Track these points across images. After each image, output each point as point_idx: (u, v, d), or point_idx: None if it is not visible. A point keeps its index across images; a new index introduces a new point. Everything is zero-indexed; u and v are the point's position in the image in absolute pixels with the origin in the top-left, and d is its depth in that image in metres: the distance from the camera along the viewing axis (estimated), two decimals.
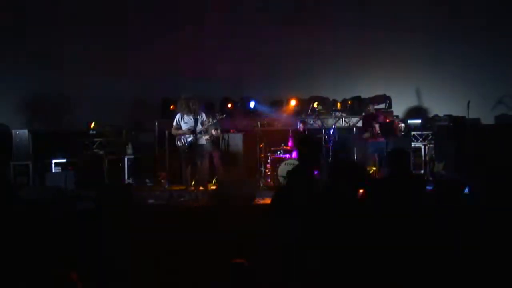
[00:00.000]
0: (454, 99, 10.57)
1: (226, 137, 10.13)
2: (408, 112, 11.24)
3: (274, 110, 10.90)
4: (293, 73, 11.21)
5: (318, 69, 11.20)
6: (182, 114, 8.20)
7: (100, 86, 10.92)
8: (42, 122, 11.24)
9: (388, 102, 10.85)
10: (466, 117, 9.55)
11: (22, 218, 5.32)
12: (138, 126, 11.08)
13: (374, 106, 9.97)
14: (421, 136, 10.33)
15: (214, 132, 8.53)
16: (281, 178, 9.06)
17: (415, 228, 3.89)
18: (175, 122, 8.25)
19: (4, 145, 9.92)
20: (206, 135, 8.32)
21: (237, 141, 10.41)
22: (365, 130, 9.42)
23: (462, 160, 9.04)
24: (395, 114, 10.80)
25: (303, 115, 10.55)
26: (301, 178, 4.32)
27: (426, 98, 11.25)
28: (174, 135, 8.34)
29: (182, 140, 8.16)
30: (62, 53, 11.18)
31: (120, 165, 10.13)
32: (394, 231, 3.77)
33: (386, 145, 8.85)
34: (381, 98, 10.75)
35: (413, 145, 10.20)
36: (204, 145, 8.27)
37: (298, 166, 4.71)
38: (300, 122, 9.92)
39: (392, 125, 9.36)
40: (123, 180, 9.93)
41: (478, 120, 10.22)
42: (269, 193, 8.17)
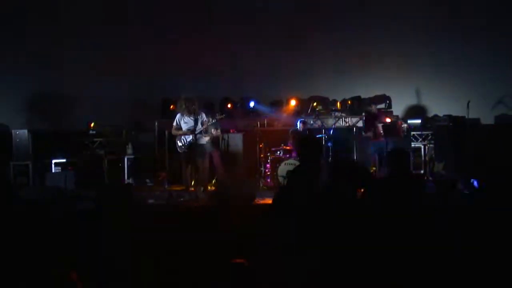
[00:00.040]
0: (454, 99, 10.55)
1: (226, 137, 10.11)
2: (408, 112, 11.23)
3: (274, 110, 10.89)
4: (293, 73, 11.20)
5: (318, 69, 11.18)
6: (182, 114, 8.21)
7: (100, 86, 10.92)
8: (42, 122, 11.23)
9: (388, 102, 10.84)
10: (466, 117, 9.53)
11: (22, 218, 5.32)
12: (138, 126, 11.07)
13: (376, 106, 9.96)
14: (421, 136, 10.32)
15: (214, 132, 8.53)
16: (281, 178, 9.06)
17: (415, 228, 3.90)
18: (175, 122, 8.26)
19: (4, 145, 9.92)
20: (207, 135, 8.32)
21: (237, 141, 10.39)
22: (367, 129, 9.41)
23: (462, 160, 9.03)
24: (395, 114, 10.80)
25: (303, 115, 10.54)
26: (301, 178, 4.33)
27: (426, 98, 11.24)
28: (174, 135, 8.36)
29: (182, 140, 8.18)
30: (62, 53, 11.16)
31: (120, 165, 10.12)
32: (394, 231, 3.77)
33: (386, 145, 8.86)
34: (381, 98, 10.73)
35: (413, 145, 10.18)
36: (204, 145, 8.27)
37: (299, 166, 4.73)
38: (300, 122, 9.92)
39: (395, 125, 9.37)
40: (123, 180, 9.92)
41: (478, 120, 10.20)
42: (269, 193, 8.17)
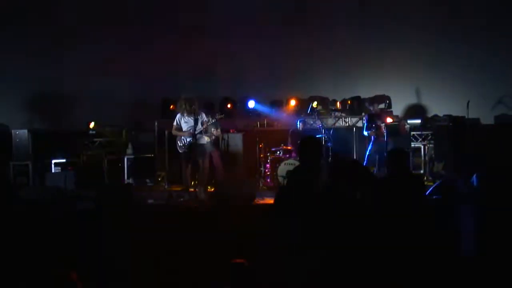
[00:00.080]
0: (453, 99, 10.54)
1: (226, 137, 10.11)
2: (407, 112, 11.22)
3: (274, 110, 10.88)
4: (293, 73, 11.19)
5: (318, 69, 11.18)
6: (182, 114, 8.21)
7: (100, 86, 10.91)
8: (42, 122, 11.24)
9: (387, 102, 10.83)
10: (466, 117, 9.52)
11: (22, 218, 5.32)
12: (138, 126, 11.06)
13: (378, 106, 9.96)
14: (420, 136, 10.31)
15: (214, 131, 8.54)
16: (280, 178, 9.05)
17: (415, 228, 3.90)
18: (176, 122, 8.27)
19: (4, 145, 9.91)
20: (208, 135, 8.33)
21: (236, 141, 10.38)
22: (369, 129, 9.40)
23: (462, 160, 9.03)
24: (395, 114, 10.79)
25: (303, 115, 10.54)
26: (301, 178, 4.32)
27: (426, 98, 11.24)
28: (174, 135, 8.37)
29: (183, 140, 8.18)
30: (62, 53, 11.16)
31: (120, 165, 10.11)
32: (394, 231, 3.78)
33: (386, 145, 8.85)
34: (380, 98, 10.71)
35: (412, 145, 10.18)
36: (204, 144, 8.28)
37: (299, 166, 4.72)
38: (300, 122, 9.92)
39: (398, 125, 9.37)
40: (123, 180, 9.91)
41: (477, 120, 10.18)
42: (269, 193, 8.18)
